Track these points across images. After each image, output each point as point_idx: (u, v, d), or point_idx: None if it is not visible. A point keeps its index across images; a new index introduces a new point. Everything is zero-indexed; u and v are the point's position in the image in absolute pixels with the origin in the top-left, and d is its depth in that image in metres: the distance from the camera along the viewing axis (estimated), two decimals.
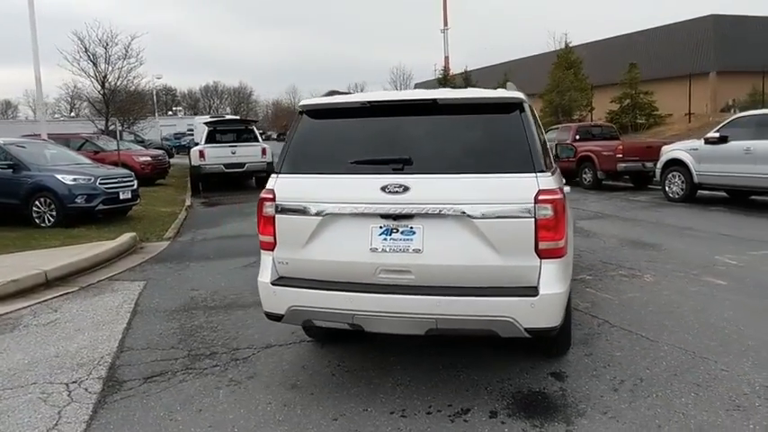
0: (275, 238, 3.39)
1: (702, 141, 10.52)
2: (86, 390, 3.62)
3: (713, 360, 3.74)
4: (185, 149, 38.73)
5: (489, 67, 38.97)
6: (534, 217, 2.97)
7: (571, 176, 14.82)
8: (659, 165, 11.67)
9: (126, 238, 8.06)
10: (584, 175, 14.94)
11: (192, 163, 16.75)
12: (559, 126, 18.00)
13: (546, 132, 16.99)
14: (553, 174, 3.31)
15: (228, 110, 79.49)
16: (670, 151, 11.44)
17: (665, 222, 9.16)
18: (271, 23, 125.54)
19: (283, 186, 3.38)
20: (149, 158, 18.33)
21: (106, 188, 10.07)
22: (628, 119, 23.49)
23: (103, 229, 9.44)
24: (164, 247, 8.38)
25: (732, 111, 29.43)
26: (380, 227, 3.17)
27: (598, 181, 14.44)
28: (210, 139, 16.82)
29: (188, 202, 14.20)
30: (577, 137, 15.55)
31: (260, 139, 17.57)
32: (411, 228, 3.12)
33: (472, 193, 3.04)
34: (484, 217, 3.01)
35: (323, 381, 3.67)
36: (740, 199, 10.86)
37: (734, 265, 6.15)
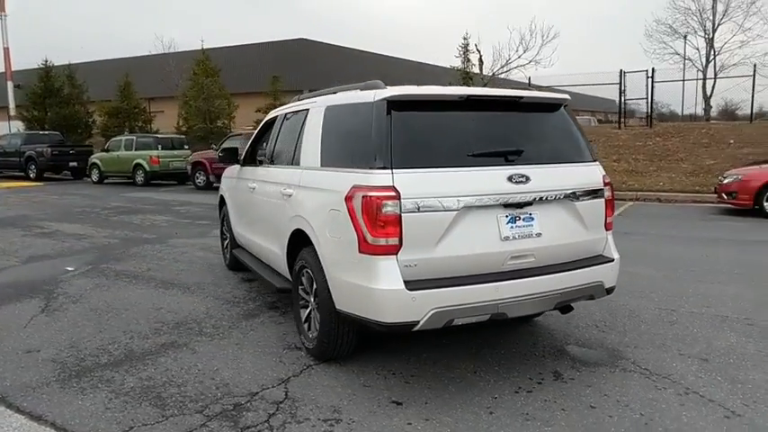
0: (401, 240, 3.06)
1: None
2: None
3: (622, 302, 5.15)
4: None
5: (99, 62, 35.15)
6: (604, 197, 3.67)
7: None
8: None
9: None
10: None
11: None
12: (241, 133, 18.18)
13: (227, 139, 16.96)
14: None
15: None
16: None
17: None
18: None
19: (407, 182, 3.08)
20: None
21: None
22: None
23: None
24: None
25: None
26: (506, 216, 3.30)
27: None
28: None
29: None
30: None
31: None
32: (530, 214, 3.38)
33: (571, 180, 3.54)
34: (580, 199, 3.54)
35: (408, 390, 3.46)
36: None
37: None
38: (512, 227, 3.32)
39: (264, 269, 4.97)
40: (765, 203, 9.93)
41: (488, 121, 3.51)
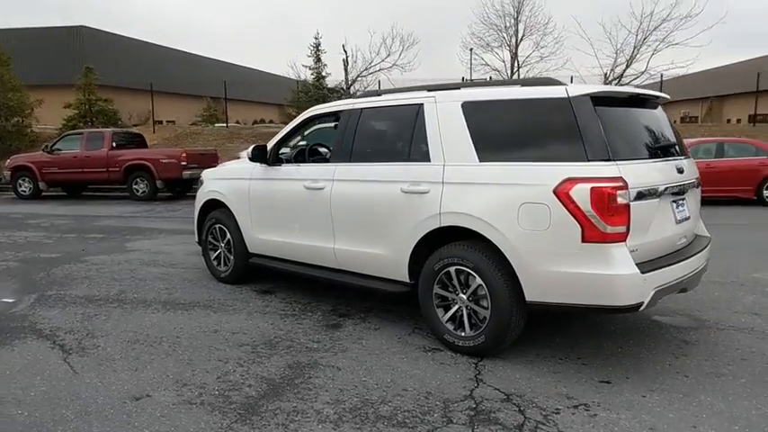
0: (628, 227, 3.29)
1: None
2: None
3: None
4: None
5: None
6: (699, 187, 4.35)
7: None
8: None
9: None
10: (135, 186, 13.84)
11: None
12: (81, 132, 15.51)
13: (60, 140, 14.50)
14: None
15: None
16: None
17: None
18: None
19: (630, 172, 3.32)
20: None
21: None
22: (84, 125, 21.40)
23: None
24: None
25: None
26: (674, 202, 3.74)
27: (156, 190, 13.77)
28: None
29: None
30: (114, 144, 14.11)
31: None
32: (683, 200, 3.86)
33: (694, 170, 4.11)
34: (697, 187, 4.15)
35: (597, 371, 3.68)
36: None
37: None
38: (678, 212, 3.77)
39: (343, 276, 4.65)
40: None
41: (643, 117, 3.91)
